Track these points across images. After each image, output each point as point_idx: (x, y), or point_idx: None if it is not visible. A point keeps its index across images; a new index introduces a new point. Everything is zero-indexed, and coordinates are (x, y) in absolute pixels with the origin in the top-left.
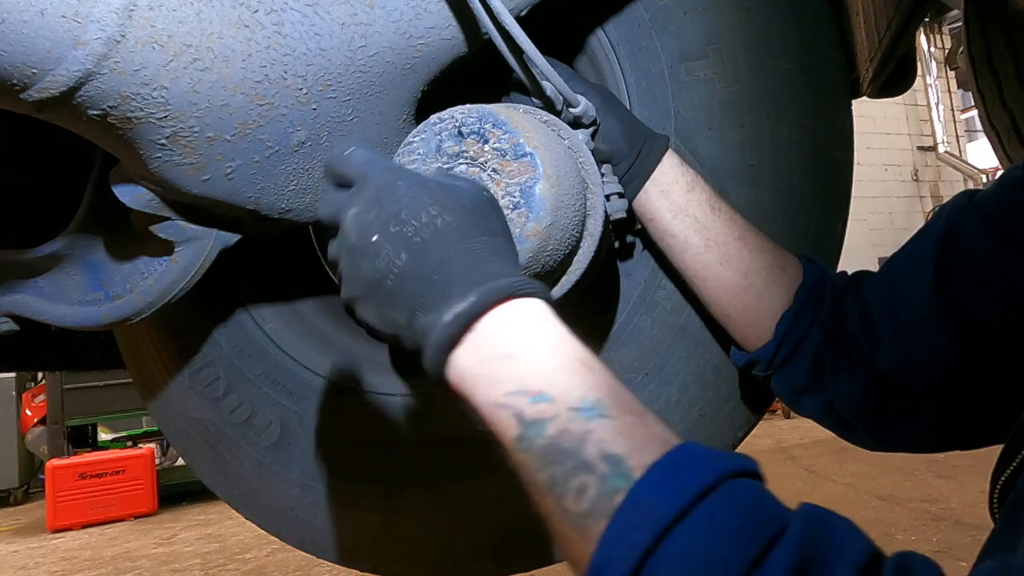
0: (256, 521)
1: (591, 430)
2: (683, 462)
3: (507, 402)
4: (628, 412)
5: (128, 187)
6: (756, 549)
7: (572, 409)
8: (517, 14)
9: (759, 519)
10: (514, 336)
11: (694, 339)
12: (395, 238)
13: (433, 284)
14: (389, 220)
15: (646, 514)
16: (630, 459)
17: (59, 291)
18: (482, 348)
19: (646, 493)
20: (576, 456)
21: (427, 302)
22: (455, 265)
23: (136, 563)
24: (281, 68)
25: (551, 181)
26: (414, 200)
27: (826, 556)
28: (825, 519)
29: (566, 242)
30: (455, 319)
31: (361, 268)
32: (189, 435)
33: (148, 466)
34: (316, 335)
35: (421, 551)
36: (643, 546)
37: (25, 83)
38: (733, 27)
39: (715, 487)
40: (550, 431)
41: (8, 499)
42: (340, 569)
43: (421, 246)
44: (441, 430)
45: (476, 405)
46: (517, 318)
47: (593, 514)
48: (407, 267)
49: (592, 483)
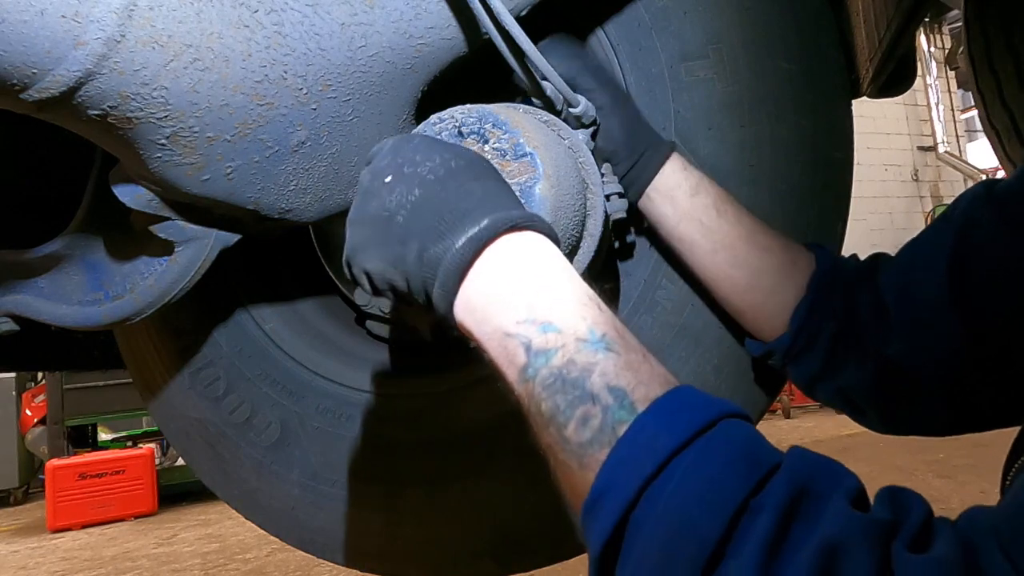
0: (256, 521)
1: (596, 362)
2: (683, 400)
3: (516, 331)
4: (632, 349)
5: (128, 187)
6: (754, 479)
7: (579, 340)
8: (517, 14)
9: (755, 453)
10: (525, 264)
11: (694, 339)
12: (409, 177)
13: (446, 213)
14: (403, 163)
15: (648, 445)
16: (634, 393)
17: (59, 291)
18: (493, 275)
19: (649, 425)
20: (581, 387)
21: (440, 230)
22: (469, 198)
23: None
24: (281, 68)
25: (551, 181)
26: (427, 147)
27: (820, 486)
28: (818, 458)
29: (566, 242)
30: (468, 242)
31: (370, 207)
32: (189, 435)
33: (148, 466)
34: (316, 335)
35: (421, 551)
36: (645, 473)
37: (25, 83)
38: (733, 27)
39: (714, 423)
40: (556, 361)
41: (8, 499)
42: (340, 569)
43: (435, 182)
44: (441, 430)
45: (484, 337)
46: (528, 248)
47: (594, 443)
48: (420, 200)
49: (595, 414)
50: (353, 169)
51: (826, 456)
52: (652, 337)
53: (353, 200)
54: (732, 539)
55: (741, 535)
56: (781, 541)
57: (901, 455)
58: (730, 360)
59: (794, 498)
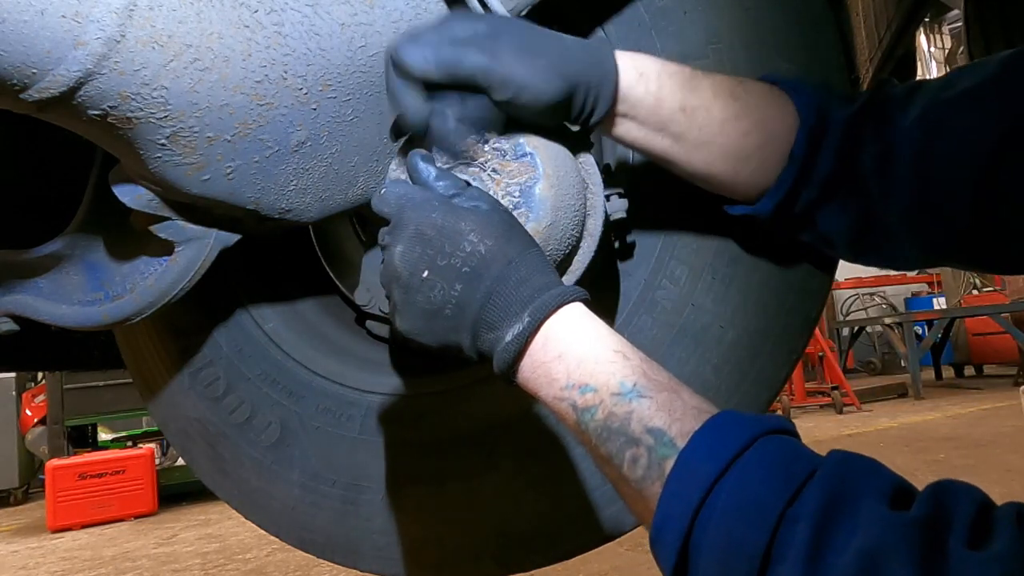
0: (256, 521)
1: (632, 410)
2: (721, 427)
3: (562, 396)
4: (663, 389)
5: (128, 187)
6: (790, 490)
7: (614, 395)
8: (517, 14)
9: (790, 466)
10: (561, 341)
11: (694, 339)
12: (445, 271)
13: (490, 308)
14: (436, 255)
15: (693, 475)
16: (670, 430)
17: (59, 291)
18: (537, 355)
19: (691, 458)
20: (625, 433)
21: (487, 323)
22: (507, 288)
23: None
24: (281, 68)
25: (551, 181)
26: (453, 232)
27: (854, 489)
28: (853, 460)
29: (566, 242)
30: (515, 339)
31: (417, 303)
32: (189, 435)
33: (148, 466)
34: (316, 335)
35: (421, 551)
36: (694, 503)
37: (25, 83)
38: (733, 27)
39: (750, 444)
40: (599, 415)
41: (8, 499)
42: (340, 569)
43: (472, 275)
44: (441, 430)
45: (541, 400)
46: (562, 325)
47: (647, 479)
48: (463, 296)
49: (642, 454)
50: (353, 169)
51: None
52: (652, 337)
53: (389, 276)
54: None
55: (783, 544)
56: (822, 547)
57: (901, 455)
58: (730, 360)
59: (829, 504)
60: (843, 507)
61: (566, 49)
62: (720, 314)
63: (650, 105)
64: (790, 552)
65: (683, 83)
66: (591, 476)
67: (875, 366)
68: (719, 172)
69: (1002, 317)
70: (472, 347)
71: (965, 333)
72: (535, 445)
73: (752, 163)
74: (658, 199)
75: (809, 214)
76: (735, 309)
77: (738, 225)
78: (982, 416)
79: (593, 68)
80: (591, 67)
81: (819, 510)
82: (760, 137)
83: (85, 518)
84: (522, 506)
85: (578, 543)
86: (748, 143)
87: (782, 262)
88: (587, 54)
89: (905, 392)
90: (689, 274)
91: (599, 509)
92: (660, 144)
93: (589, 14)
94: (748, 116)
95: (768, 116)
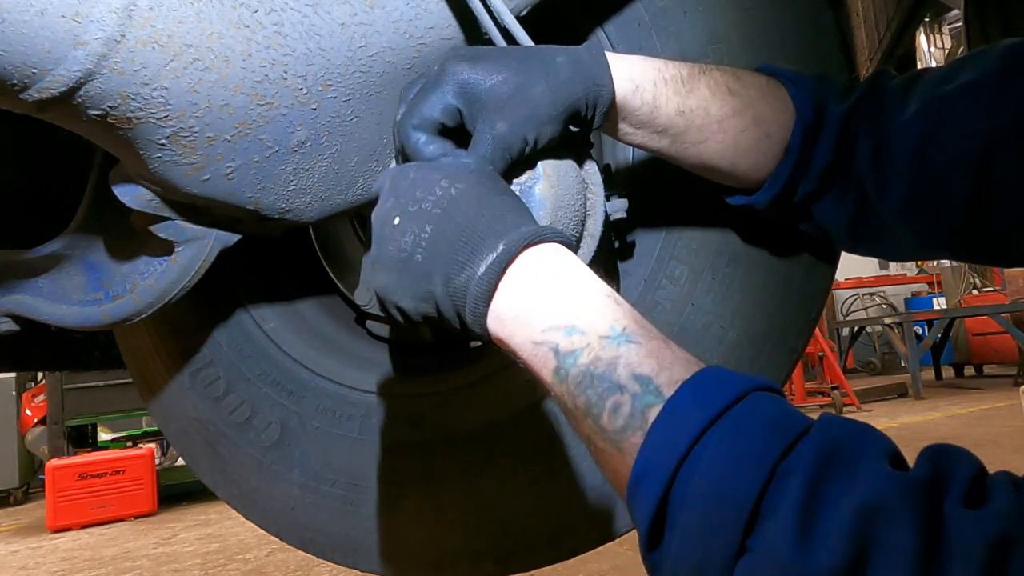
0: (256, 521)
1: (620, 355)
2: (712, 379)
3: (543, 338)
4: (653, 337)
5: (128, 187)
6: (784, 444)
7: (602, 337)
8: (517, 14)
9: (784, 421)
10: (543, 277)
11: (694, 339)
12: (415, 216)
13: (461, 245)
14: (407, 202)
15: (680, 424)
16: (658, 378)
17: (59, 291)
18: (516, 291)
19: (679, 406)
20: (609, 379)
21: (459, 262)
22: (478, 224)
23: (136, 563)
24: (281, 68)
25: (551, 181)
26: (425, 179)
27: (854, 447)
28: (847, 423)
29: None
30: (488, 269)
31: (388, 252)
32: (189, 435)
33: (148, 466)
34: (316, 335)
35: (422, 551)
36: (680, 450)
37: (25, 83)
38: (733, 27)
39: (742, 397)
40: (583, 359)
41: (8, 499)
42: (340, 569)
43: (442, 215)
44: (441, 430)
45: (516, 348)
46: (544, 260)
47: (628, 429)
48: (433, 237)
49: (625, 401)
50: (353, 169)
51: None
52: None
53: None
54: (766, 502)
55: (774, 498)
56: (817, 502)
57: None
58: (730, 360)
59: (823, 460)
60: (841, 463)
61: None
62: (720, 314)
63: (647, 114)
64: (782, 506)
65: (680, 85)
66: (591, 476)
67: (875, 366)
68: (718, 166)
69: (1002, 317)
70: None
71: (965, 333)
72: (535, 445)
73: (750, 156)
74: (658, 199)
75: (807, 205)
76: (735, 309)
77: (739, 216)
78: (982, 416)
79: (589, 90)
80: (586, 91)
81: (815, 463)
82: (758, 132)
83: (85, 518)
84: (522, 506)
85: (578, 543)
86: (746, 138)
87: (782, 262)
88: (581, 78)
89: (905, 392)
90: (689, 274)
91: (599, 509)
92: (659, 144)
93: (589, 14)
94: (745, 112)
95: (765, 110)
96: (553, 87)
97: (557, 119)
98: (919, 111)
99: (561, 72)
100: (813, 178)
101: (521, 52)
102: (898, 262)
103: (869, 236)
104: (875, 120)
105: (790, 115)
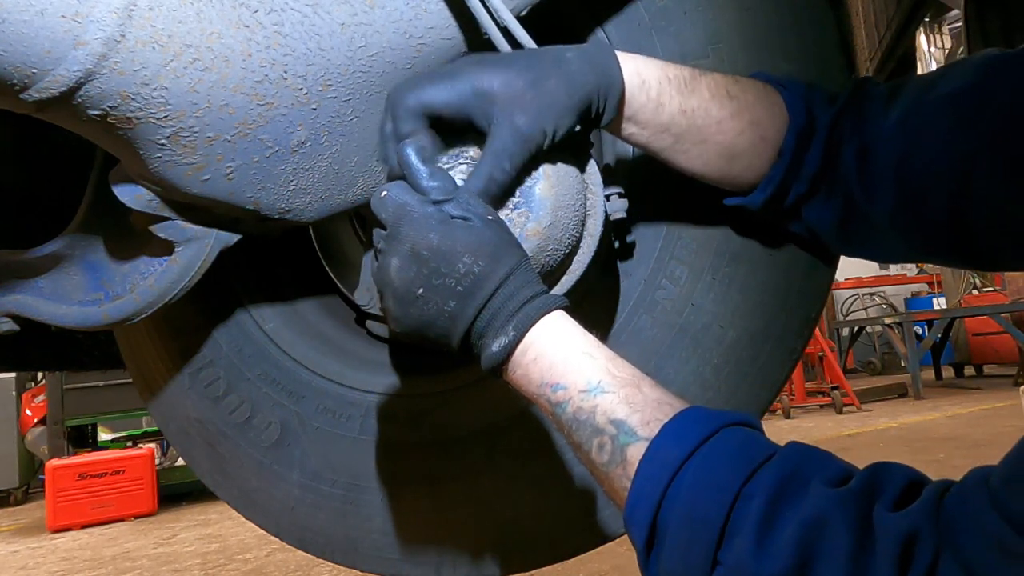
0: (256, 521)
1: (597, 404)
2: (689, 418)
3: (540, 393)
4: (625, 385)
5: (128, 187)
6: (747, 471)
7: (581, 391)
8: (517, 14)
9: (749, 451)
10: (538, 346)
11: (694, 339)
12: (440, 290)
13: (480, 321)
14: (431, 275)
15: (663, 460)
16: (630, 420)
17: (59, 291)
18: (519, 359)
19: (661, 445)
20: (591, 424)
21: (477, 334)
22: (495, 303)
23: (136, 563)
24: (281, 68)
25: (551, 181)
26: (449, 253)
27: (805, 474)
28: (808, 450)
29: (566, 242)
30: (501, 350)
31: (411, 315)
32: (189, 435)
33: (148, 466)
34: (316, 335)
35: (421, 551)
36: (663, 483)
37: (25, 83)
38: (733, 27)
39: (715, 433)
40: (570, 409)
41: (8, 499)
42: (340, 569)
43: (465, 294)
44: (441, 430)
45: (522, 392)
46: (541, 333)
47: (612, 463)
48: (456, 311)
49: (607, 442)
50: (353, 169)
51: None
52: (652, 337)
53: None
54: (732, 522)
55: (739, 517)
56: (772, 519)
57: (901, 455)
58: (730, 360)
59: (782, 483)
60: (794, 486)
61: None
62: (720, 314)
63: (652, 110)
64: (745, 525)
65: (682, 86)
66: (590, 477)
67: (875, 366)
68: (714, 167)
69: (1002, 317)
70: (462, 351)
71: (965, 333)
72: (535, 445)
73: (745, 159)
74: (658, 199)
75: (798, 207)
76: (735, 309)
77: (734, 216)
78: (982, 416)
79: (600, 81)
80: (598, 83)
81: (772, 487)
82: (753, 135)
83: (85, 518)
84: (522, 506)
85: (578, 543)
86: (742, 140)
87: (782, 262)
88: (592, 69)
89: (905, 392)
90: (689, 274)
91: (599, 509)
92: (660, 143)
93: (589, 14)
94: (742, 115)
95: (761, 115)
96: (566, 79)
97: (573, 110)
98: (899, 121)
99: (572, 65)
100: (804, 181)
101: (529, 51)
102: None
103: (858, 238)
104: (857, 127)
105: (784, 119)
